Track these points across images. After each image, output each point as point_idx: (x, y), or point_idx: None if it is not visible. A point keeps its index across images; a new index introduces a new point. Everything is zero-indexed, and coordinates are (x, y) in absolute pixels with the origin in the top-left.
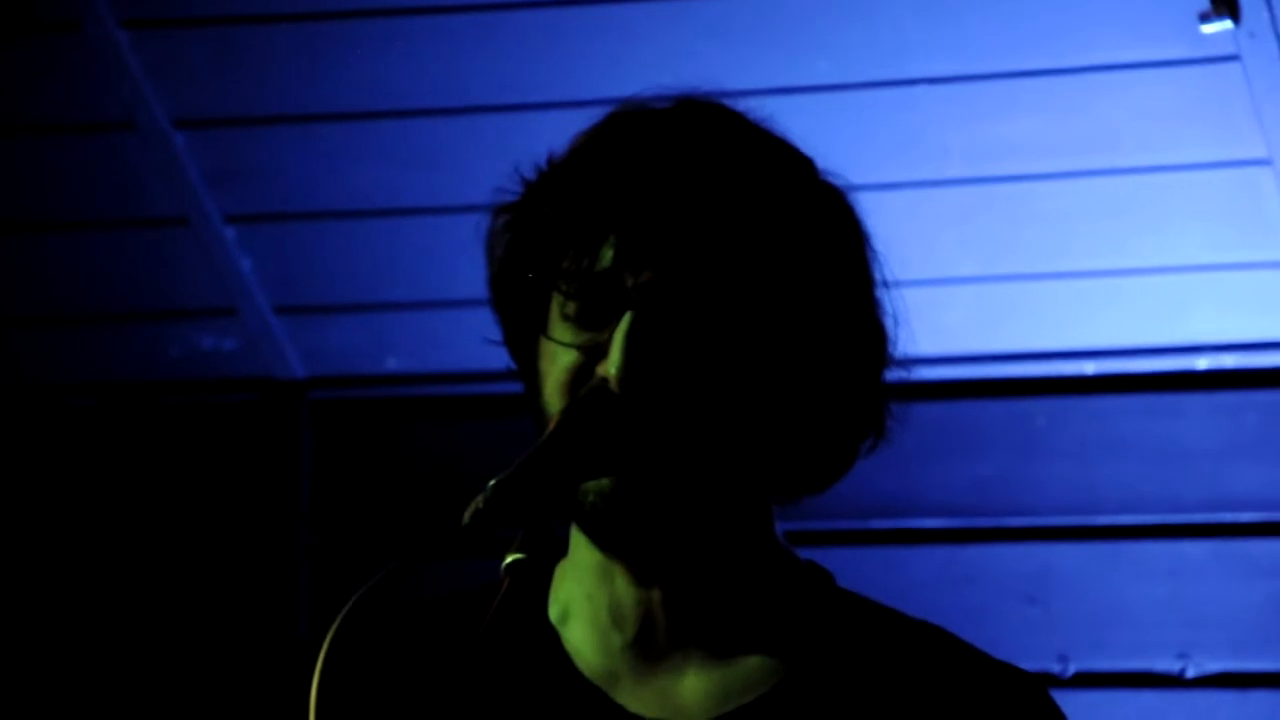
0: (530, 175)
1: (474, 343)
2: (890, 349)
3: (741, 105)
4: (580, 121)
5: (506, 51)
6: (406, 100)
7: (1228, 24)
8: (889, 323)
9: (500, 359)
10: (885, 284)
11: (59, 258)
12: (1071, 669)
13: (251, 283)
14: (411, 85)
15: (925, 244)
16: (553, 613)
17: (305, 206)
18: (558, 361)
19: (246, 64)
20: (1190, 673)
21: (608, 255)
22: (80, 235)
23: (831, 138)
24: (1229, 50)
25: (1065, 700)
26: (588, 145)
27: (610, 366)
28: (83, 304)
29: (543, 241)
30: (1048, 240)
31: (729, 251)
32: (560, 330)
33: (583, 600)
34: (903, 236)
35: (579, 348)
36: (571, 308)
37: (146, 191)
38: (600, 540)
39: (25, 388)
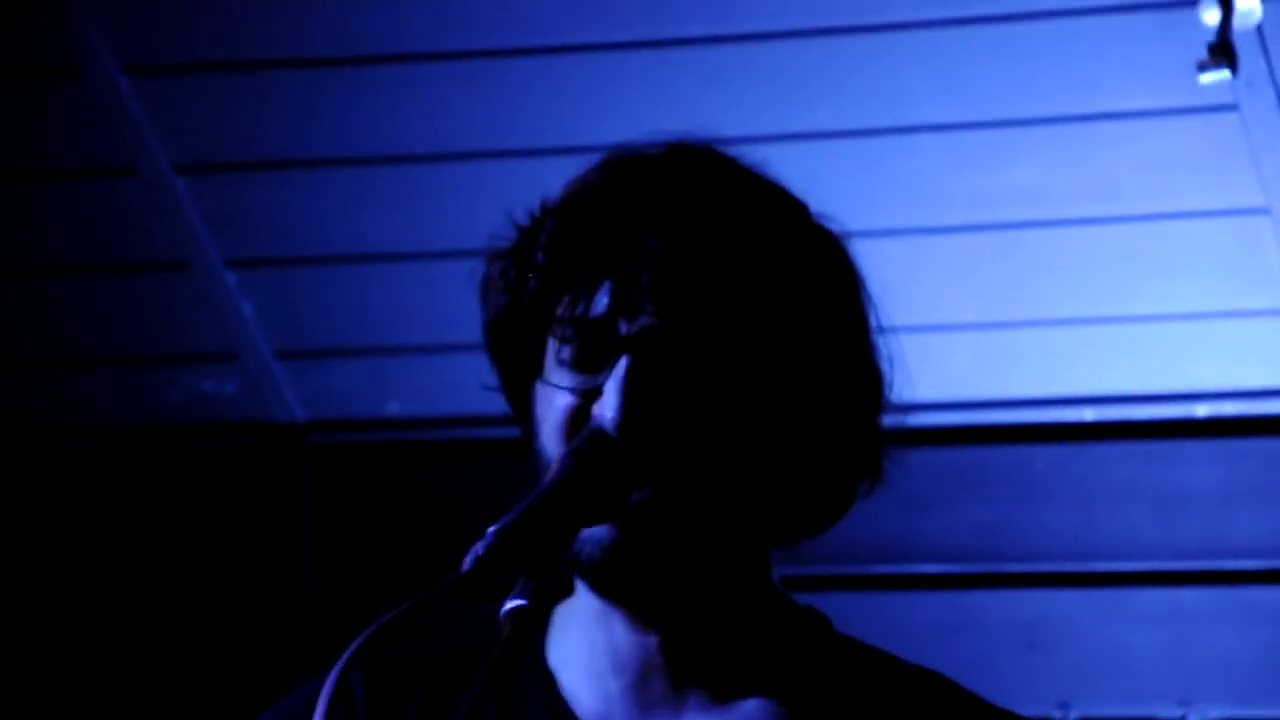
0: (523, 221)
1: (475, 387)
2: (886, 392)
3: (740, 151)
4: (581, 167)
5: (508, 97)
6: (408, 145)
7: (1226, 74)
8: (884, 365)
9: (501, 403)
10: (880, 327)
11: (61, 301)
12: (1072, 715)
13: (252, 327)
14: (412, 131)
15: (926, 290)
16: (551, 656)
17: (306, 251)
18: (555, 406)
19: (247, 109)
20: (1191, 719)
21: (602, 301)
22: (82, 279)
23: (833, 184)
24: (1227, 100)
25: None
26: (580, 191)
27: (607, 411)
28: (84, 347)
29: (537, 288)
30: (1048, 287)
31: (723, 295)
32: (557, 375)
33: (582, 645)
34: (904, 283)
35: (576, 392)
36: (567, 353)
37: (148, 236)
38: (600, 587)
39: (27, 430)
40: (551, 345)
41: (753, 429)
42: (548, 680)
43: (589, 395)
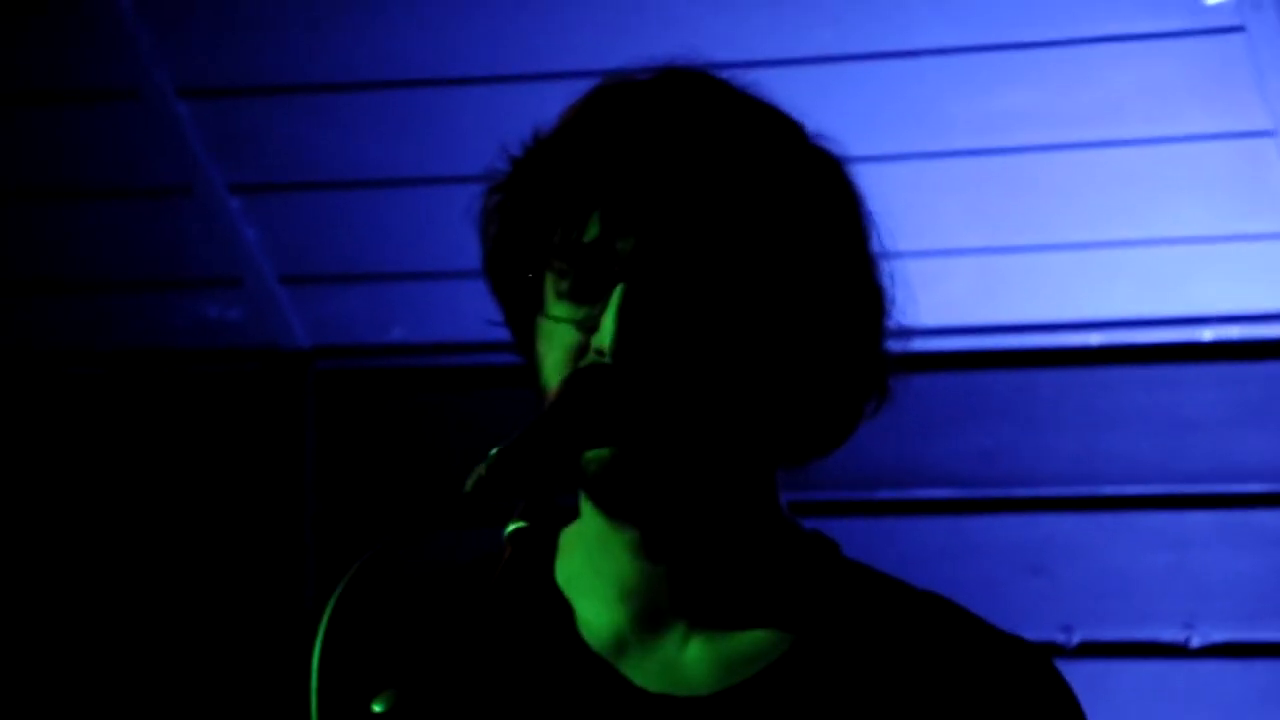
0: (517, 153)
1: (479, 313)
2: (887, 307)
3: (743, 75)
4: (582, 91)
5: (511, 21)
6: (411, 70)
7: None
8: (885, 281)
9: (504, 329)
10: (879, 243)
11: (64, 226)
12: (1076, 639)
13: (256, 252)
14: (416, 55)
15: (930, 215)
16: (560, 581)
17: (311, 176)
18: (556, 338)
19: (251, 34)
20: (1195, 642)
21: (595, 227)
22: (85, 204)
23: (836, 108)
24: (1233, 21)
25: (1069, 670)
26: (571, 119)
27: (604, 338)
28: (88, 273)
29: (531, 218)
30: (1052, 211)
31: (716, 214)
32: (556, 307)
33: (589, 572)
34: (907, 207)
35: (575, 323)
36: (565, 283)
37: (151, 161)
38: (606, 508)
39: (30, 356)
40: (549, 278)
41: (752, 348)
42: (556, 604)
43: (588, 326)
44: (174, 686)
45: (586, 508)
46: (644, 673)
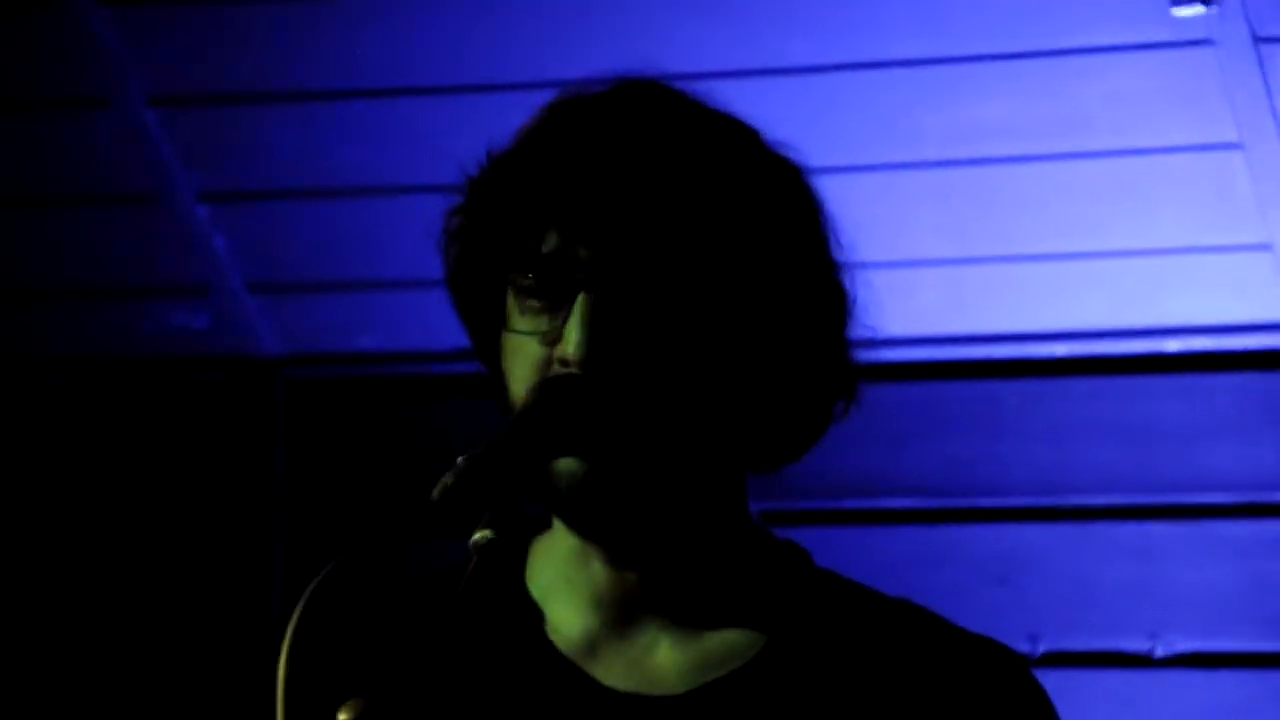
0: (474, 172)
1: (449, 321)
2: (850, 307)
3: (714, 86)
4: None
5: (481, 30)
6: (381, 79)
7: (1200, 8)
8: (847, 283)
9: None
10: (841, 248)
11: (31, 233)
12: (1041, 648)
13: (225, 260)
14: (386, 64)
15: (898, 226)
16: (532, 590)
17: (279, 184)
18: (521, 353)
19: (222, 42)
20: (1159, 652)
21: (553, 238)
22: (52, 211)
23: (806, 119)
24: (1201, 34)
25: None
26: (525, 135)
27: (568, 345)
28: (54, 281)
29: (490, 234)
30: (1020, 222)
31: (671, 216)
32: (519, 322)
33: (560, 582)
34: (876, 218)
35: (540, 335)
36: (527, 297)
37: (120, 169)
38: (575, 524)
39: None
40: (511, 293)
41: (715, 351)
42: (529, 613)
43: (552, 338)
44: (140, 695)
45: (559, 522)
46: (613, 673)
